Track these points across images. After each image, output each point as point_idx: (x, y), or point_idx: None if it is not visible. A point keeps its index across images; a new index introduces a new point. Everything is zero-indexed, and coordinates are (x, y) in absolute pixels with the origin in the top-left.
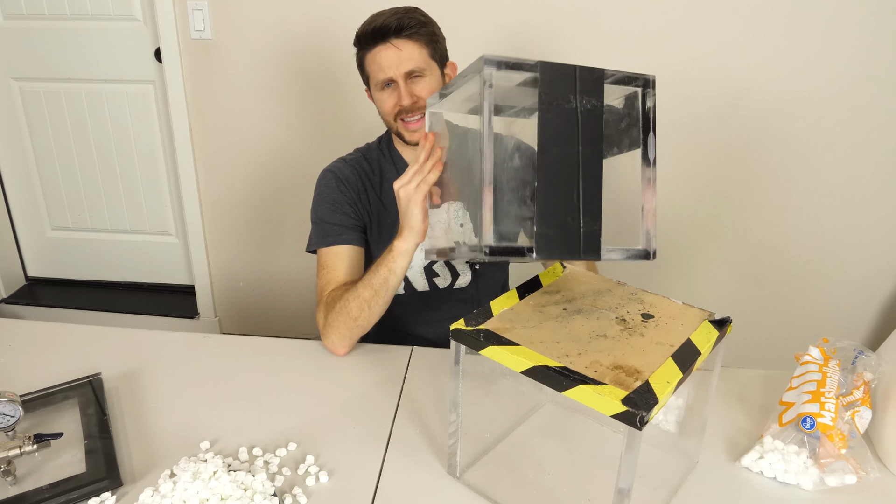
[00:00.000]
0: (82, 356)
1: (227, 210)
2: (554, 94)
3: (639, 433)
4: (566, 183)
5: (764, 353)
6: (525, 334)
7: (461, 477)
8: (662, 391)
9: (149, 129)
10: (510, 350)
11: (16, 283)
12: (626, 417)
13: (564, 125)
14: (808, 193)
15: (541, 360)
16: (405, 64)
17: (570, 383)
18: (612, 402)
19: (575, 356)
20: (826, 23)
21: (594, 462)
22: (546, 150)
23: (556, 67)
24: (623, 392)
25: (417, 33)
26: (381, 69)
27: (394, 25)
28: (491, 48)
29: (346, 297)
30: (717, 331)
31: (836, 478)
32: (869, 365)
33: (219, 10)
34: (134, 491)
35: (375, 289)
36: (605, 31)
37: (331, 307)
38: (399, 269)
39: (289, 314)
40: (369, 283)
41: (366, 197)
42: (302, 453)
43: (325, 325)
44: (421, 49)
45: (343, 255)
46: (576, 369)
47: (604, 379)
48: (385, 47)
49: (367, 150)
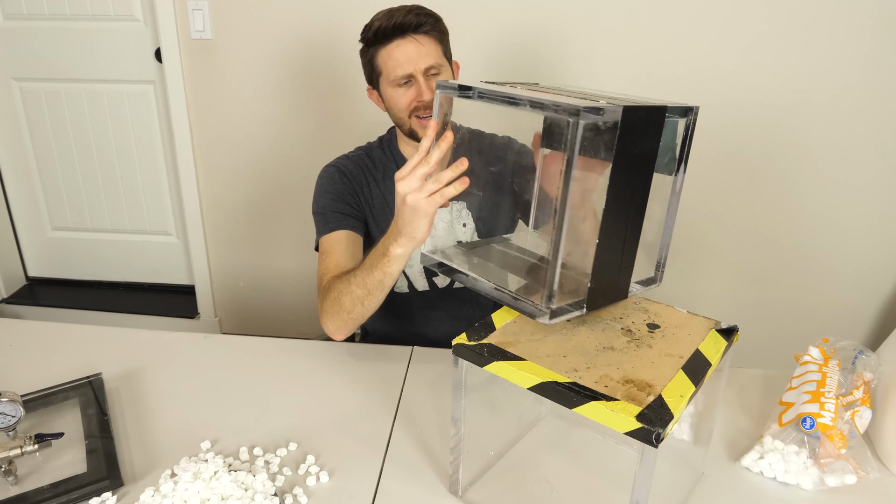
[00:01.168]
0: (82, 356)
1: (227, 210)
2: (629, 141)
3: (654, 450)
4: (620, 236)
5: (764, 353)
6: (530, 348)
7: (463, 496)
8: (676, 406)
9: (149, 129)
10: (516, 365)
11: (16, 283)
12: (641, 434)
13: (629, 176)
14: (808, 194)
15: (549, 376)
16: (424, 59)
17: (581, 399)
18: (626, 418)
19: (583, 370)
20: (826, 23)
21: (602, 478)
22: (611, 207)
23: (635, 111)
24: (636, 408)
25: (433, 30)
26: (399, 65)
27: (413, 22)
28: (491, 50)
29: (340, 288)
30: (726, 340)
31: (836, 478)
32: (869, 365)
33: (219, 10)
34: (135, 491)
35: (370, 289)
36: (605, 31)
37: (327, 298)
38: (395, 272)
39: (289, 314)
40: (363, 282)
41: (368, 190)
42: (302, 453)
43: (323, 313)
44: (436, 46)
45: (342, 240)
46: (586, 384)
47: (615, 394)
48: (404, 42)
49: (369, 149)
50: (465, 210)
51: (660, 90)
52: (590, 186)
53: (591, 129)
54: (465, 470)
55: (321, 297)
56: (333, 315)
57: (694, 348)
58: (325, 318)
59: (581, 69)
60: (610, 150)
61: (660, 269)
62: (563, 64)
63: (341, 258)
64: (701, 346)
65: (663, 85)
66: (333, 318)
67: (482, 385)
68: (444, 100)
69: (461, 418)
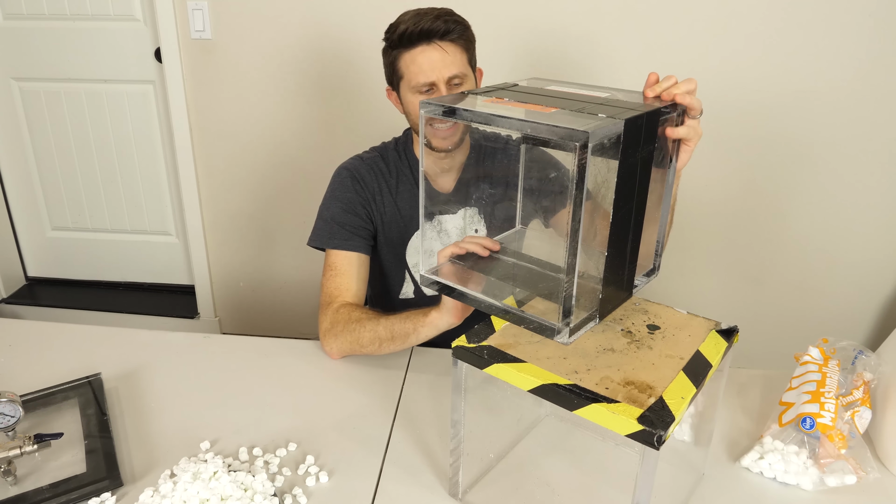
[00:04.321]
0: (82, 356)
1: (227, 210)
2: (631, 151)
3: (656, 453)
4: (624, 240)
5: (764, 353)
6: (530, 350)
7: (463, 498)
8: (678, 407)
9: (149, 129)
10: (517, 367)
11: (16, 283)
12: (642, 437)
13: (629, 181)
14: (808, 193)
15: (549, 378)
16: (449, 68)
17: (582, 402)
18: (628, 420)
19: (584, 372)
20: (826, 22)
21: (602, 480)
22: (617, 214)
23: (635, 121)
24: (638, 410)
25: (460, 38)
26: (422, 71)
27: (441, 29)
28: (509, 53)
29: (362, 322)
30: (726, 341)
31: (835, 478)
32: (868, 365)
33: (219, 10)
34: (134, 491)
35: (394, 336)
36: (606, 31)
37: (339, 321)
38: (424, 337)
39: (289, 314)
40: (391, 327)
41: (381, 199)
42: (302, 453)
43: (328, 332)
44: (462, 54)
45: (353, 262)
46: (586, 386)
47: (616, 396)
48: (430, 48)
49: (384, 150)
50: (478, 215)
51: None
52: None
53: (597, 149)
54: (465, 472)
55: (328, 316)
56: (343, 342)
57: (694, 349)
58: (329, 339)
59: (580, 67)
60: (614, 156)
61: (658, 257)
62: (564, 59)
63: (352, 283)
64: (701, 348)
65: None
66: (341, 345)
67: (481, 387)
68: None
69: (461, 420)
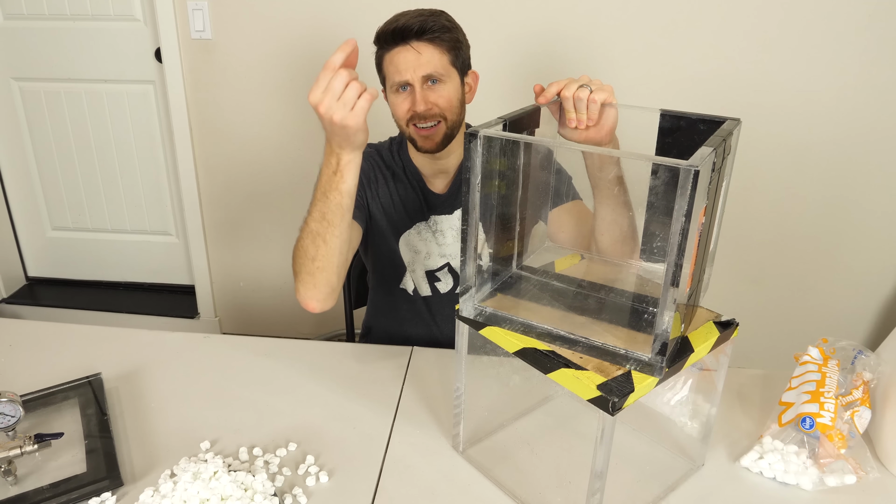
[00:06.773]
0: (82, 356)
1: (227, 210)
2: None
3: (611, 418)
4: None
5: (763, 353)
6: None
7: (464, 452)
8: (641, 380)
9: (149, 129)
10: (506, 331)
11: (16, 283)
12: (599, 402)
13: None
14: (808, 193)
15: (531, 343)
16: (423, 68)
17: (554, 366)
18: (589, 386)
19: None
20: (825, 23)
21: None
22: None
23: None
24: (601, 378)
25: (440, 38)
26: (397, 71)
27: (416, 27)
28: (509, 53)
29: (299, 238)
30: (719, 332)
31: (835, 478)
32: (868, 365)
33: (219, 10)
34: (134, 491)
35: (329, 219)
36: (607, 32)
37: (293, 258)
38: (350, 187)
39: (289, 314)
40: (321, 214)
41: (376, 186)
42: (302, 453)
43: (295, 283)
44: (442, 55)
45: None
46: (563, 354)
47: (587, 365)
48: (404, 49)
49: (380, 147)
50: None
51: (659, 91)
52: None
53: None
54: (467, 430)
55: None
56: (299, 271)
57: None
58: (296, 284)
59: (580, 67)
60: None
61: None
62: (564, 59)
63: None
64: (690, 334)
65: (663, 87)
66: (300, 276)
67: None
68: None
69: (463, 388)
